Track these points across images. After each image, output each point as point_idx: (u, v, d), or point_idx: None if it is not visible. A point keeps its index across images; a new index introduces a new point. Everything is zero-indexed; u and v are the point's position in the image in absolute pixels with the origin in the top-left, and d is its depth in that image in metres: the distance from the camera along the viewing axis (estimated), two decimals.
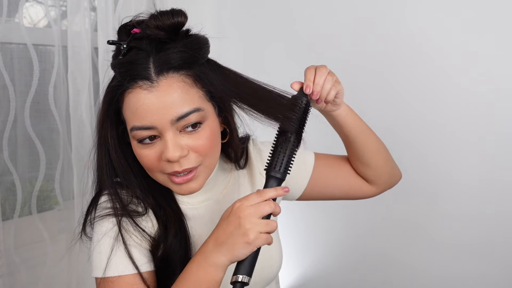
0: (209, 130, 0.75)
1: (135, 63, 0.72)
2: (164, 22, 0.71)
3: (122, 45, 0.74)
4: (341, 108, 0.87)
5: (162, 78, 0.71)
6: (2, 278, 1.29)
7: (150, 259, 0.79)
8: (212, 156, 0.77)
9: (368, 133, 0.93)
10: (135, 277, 0.76)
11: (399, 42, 1.38)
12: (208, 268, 0.70)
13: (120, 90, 0.73)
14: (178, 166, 0.73)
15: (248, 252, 0.69)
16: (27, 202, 1.34)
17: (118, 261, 0.76)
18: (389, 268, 1.52)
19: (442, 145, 1.35)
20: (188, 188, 0.76)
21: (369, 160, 0.94)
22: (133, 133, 0.73)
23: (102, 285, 0.77)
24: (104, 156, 0.79)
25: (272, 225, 0.70)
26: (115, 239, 0.77)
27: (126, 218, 0.79)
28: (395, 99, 1.41)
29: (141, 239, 0.79)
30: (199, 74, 0.74)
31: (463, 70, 1.29)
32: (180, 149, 0.72)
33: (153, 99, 0.70)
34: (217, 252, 0.70)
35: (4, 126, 1.26)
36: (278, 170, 0.75)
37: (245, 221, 0.69)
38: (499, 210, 1.29)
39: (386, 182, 1.00)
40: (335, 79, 0.82)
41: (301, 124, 0.77)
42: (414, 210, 1.42)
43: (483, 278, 1.34)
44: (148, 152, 0.74)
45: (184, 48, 0.73)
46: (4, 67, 1.23)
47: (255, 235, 0.68)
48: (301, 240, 1.71)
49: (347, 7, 1.46)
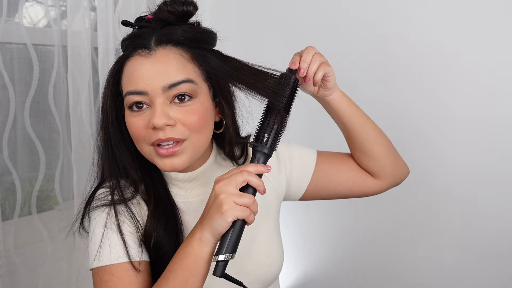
0: (199, 107, 0.76)
1: (140, 36, 0.77)
2: (175, 8, 0.77)
3: (134, 26, 0.80)
4: (334, 94, 0.88)
5: (160, 48, 0.76)
6: (2, 278, 1.29)
7: (142, 247, 0.80)
8: (200, 134, 0.77)
9: (365, 120, 0.92)
10: (127, 265, 0.76)
11: (400, 39, 1.38)
12: (194, 242, 0.72)
13: (122, 59, 0.78)
14: (162, 134, 0.74)
15: (224, 223, 0.69)
16: (27, 202, 1.34)
17: (110, 249, 0.77)
18: (390, 268, 1.52)
19: (444, 145, 1.35)
20: (172, 163, 0.76)
21: (370, 150, 0.93)
22: (126, 99, 0.76)
23: (95, 274, 0.78)
24: (102, 130, 0.82)
25: (246, 197, 0.70)
26: (106, 228, 0.78)
27: (119, 206, 0.80)
28: (395, 97, 1.40)
29: (133, 227, 0.80)
30: (199, 54, 0.78)
31: (464, 69, 1.29)
32: (167, 118, 0.73)
33: (149, 65, 0.74)
34: (200, 226, 0.72)
35: (4, 126, 1.26)
36: (264, 145, 0.75)
37: (219, 192, 0.70)
38: (499, 209, 1.29)
39: (391, 174, 0.97)
40: (324, 60, 0.83)
41: (289, 102, 0.78)
42: (416, 210, 1.41)
43: (485, 278, 1.34)
44: (137, 120, 0.76)
45: (189, 28, 0.77)
46: (4, 67, 1.23)
47: (229, 205, 0.69)
48: (301, 240, 1.71)
49: (350, 4, 1.46)
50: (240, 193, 0.70)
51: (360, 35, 1.45)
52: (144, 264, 0.79)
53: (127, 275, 0.76)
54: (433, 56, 1.33)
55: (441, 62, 1.32)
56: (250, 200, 0.70)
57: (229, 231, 0.70)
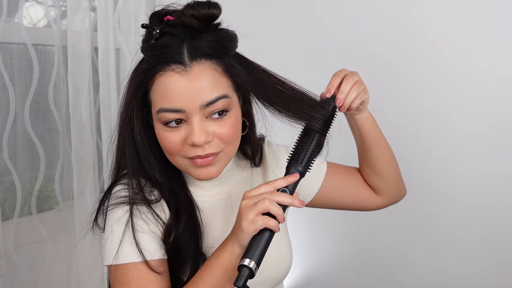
0: (234, 119, 0.77)
1: (169, 47, 0.73)
2: (200, 11, 0.73)
3: (155, 29, 0.76)
4: (363, 113, 0.89)
5: (195, 63, 0.73)
6: (2, 278, 1.29)
7: (162, 247, 0.80)
8: (233, 145, 0.79)
9: (383, 142, 0.95)
10: (145, 265, 0.76)
11: (405, 38, 1.38)
12: (225, 254, 0.72)
13: (152, 72, 0.75)
14: (201, 151, 0.75)
15: (245, 238, 0.70)
16: (27, 202, 1.34)
17: (129, 248, 0.77)
18: (391, 268, 1.52)
19: (445, 143, 1.35)
20: (207, 172, 0.78)
21: (381, 169, 0.96)
22: (159, 115, 0.74)
23: (114, 272, 0.78)
24: (127, 137, 0.80)
25: (262, 203, 0.69)
26: (127, 226, 0.78)
27: (140, 205, 0.80)
28: (400, 94, 1.40)
29: (154, 226, 0.80)
30: (229, 64, 0.77)
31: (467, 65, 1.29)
32: (206, 134, 0.74)
33: (185, 83, 0.72)
34: (230, 238, 0.73)
35: (4, 126, 1.25)
36: (300, 163, 0.75)
37: (241, 208, 0.71)
38: (500, 208, 1.29)
39: (393, 195, 1.02)
40: (363, 88, 0.82)
41: (326, 127, 0.78)
42: (417, 208, 1.41)
43: (484, 274, 1.34)
44: (173, 136, 0.75)
45: (217, 38, 0.75)
46: (4, 67, 1.23)
47: (248, 220, 0.69)
48: (303, 239, 1.71)
49: (357, 2, 1.46)
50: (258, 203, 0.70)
51: (368, 38, 1.45)
52: (164, 264, 0.79)
53: (146, 275, 0.76)
54: (429, 60, 1.33)
55: (440, 64, 1.32)
56: (264, 206, 0.70)
57: (254, 240, 0.71)
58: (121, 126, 0.81)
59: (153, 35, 0.76)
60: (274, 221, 0.70)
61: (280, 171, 0.97)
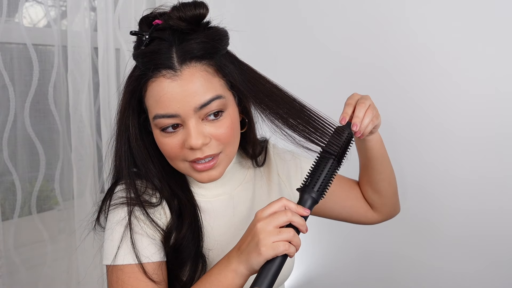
0: (230, 119, 0.77)
1: (158, 52, 0.73)
2: (186, 13, 0.73)
3: (144, 35, 0.76)
4: (372, 135, 0.88)
5: (185, 67, 0.73)
6: (2, 278, 1.29)
7: (161, 249, 0.80)
8: (232, 145, 0.79)
9: (388, 162, 0.95)
10: (141, 269, 0.76)
11: (402, 41, 1.38)
12: (229, 273, 0.70)
13: (144, 79, 0.75)
14: (200, 153, 0.75)
15: (260, 262, 0.67)
16: (27, 202, 1.34)
17: (127, 250, 0.77)
18: (391, 268, 1.52)
19: (442, 143, 1.35)
20: (209, 175, 0.78)
21: (381, 188, 0.97)
22: (156, 121, 0.75)
23: (111, 272, 0.78)
24: (123, 145, 0.80)
25: (285, 232, 0.67)
26: (127, 228, 0.78)
27: (139, 208, 0.80)
28: (396, 98, 1.40)
29: (153, 229, 0.80)
30: (220, 64, 0.76)
31: (464, 70, 1.29)
32: (203, 137, 0.74)
33: (177, 87, 0.72)
34: (238, 259, 0.70)
35: (4, 126, 1.25)
36: (315, 190, 0.73)
37: (259, 231, 0.68)
38: (498, 206, 1.29)
39: (388, 213, 1.03)
40: (375, 113, 0.81)
41: (343, 153, 0.77)
42: (416, 208, 1.41)
43: (485, 274, 1.34)
44: (171, 141, 0.75)
45: (206, 38, 0.74)
46: (4, 67, 1.23)
47: (268, 245, 0.66)
48: (303, 239, 1.71)
49: (355, 5, 1.46)
50: (279, 230, 0.67)
51: (367, 39, 1.45)
52: (162, 266, 0.79)
53: (144, 276, 0.76)
54: (426, 63, 1.33)
55: (439, 66, 1.32)
56: (289, 235, 0.68)
57: (268, 265, 0.68)
58: (118, 134, 0.81)
59: (143, 41, 0.76)
60: (294, 248, 0.68)
61: (285, 175, 0.97)
